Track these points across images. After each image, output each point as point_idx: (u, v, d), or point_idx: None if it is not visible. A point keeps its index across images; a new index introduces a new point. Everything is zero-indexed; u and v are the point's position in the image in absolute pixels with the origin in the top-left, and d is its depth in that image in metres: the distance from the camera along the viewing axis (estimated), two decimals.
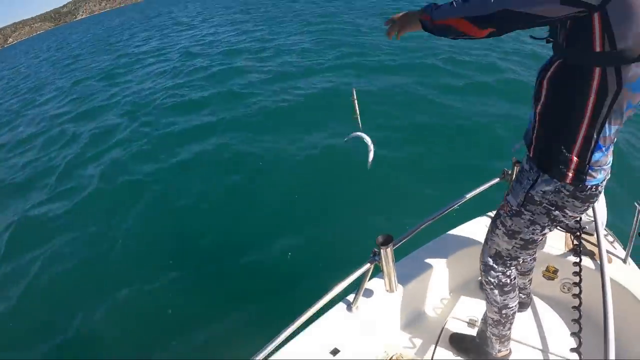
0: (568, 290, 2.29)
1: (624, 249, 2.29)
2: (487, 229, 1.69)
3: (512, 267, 1.72)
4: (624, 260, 2.25)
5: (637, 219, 2.08)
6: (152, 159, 7.13)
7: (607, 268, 1.79)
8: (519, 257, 1.68)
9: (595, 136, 1.22)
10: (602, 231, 2.12)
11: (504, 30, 1.18)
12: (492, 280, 1.73)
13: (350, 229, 4.36)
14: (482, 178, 2.27)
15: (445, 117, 6.94)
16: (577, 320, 1.75)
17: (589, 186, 1.31)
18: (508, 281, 1.74)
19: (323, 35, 14.83)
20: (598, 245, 1.98)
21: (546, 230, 1.50)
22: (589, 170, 1.28)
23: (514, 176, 2.27)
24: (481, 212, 2.56)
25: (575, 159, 1.27)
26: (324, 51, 12.32)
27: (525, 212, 1.46)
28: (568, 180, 1.30)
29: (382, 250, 1.56)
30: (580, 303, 1.82)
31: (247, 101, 8.98)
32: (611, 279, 2.00)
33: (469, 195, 2.13)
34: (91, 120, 10.34)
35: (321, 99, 8.40)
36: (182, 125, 8.42)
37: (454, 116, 6.95)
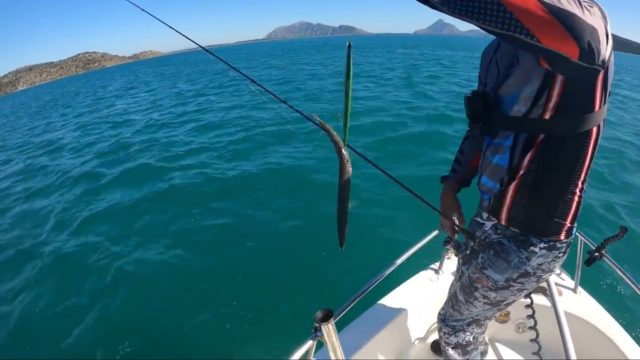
0: (523, 330, 2.20)
1: (572, 279, 2.26)
2: (435, 288, 1.51)
3: (483, 327, 1.61)
4: (574, 290, 2.22)
5: (580, 249, 2.08)
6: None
7: (560, 301, 1.72)
8: (495, 315, 1.56)
9: (585, 187, 1.13)
10: None
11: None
12: (458, 340, 1.60)
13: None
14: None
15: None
16: (537, 353, 1.75)
17: (572, 237, 1.22)
18: (471, 339, 1.61)
19: None
20: (547, 281, 1.87)
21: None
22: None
23: (458, 227, 2.12)
24: (421, 267, 2.43)
25: (571, 215, 1.15)
26: None
27: (515, 284, 1.29)
28: (562, 237, 1.18)
29: (322, 326, 1.31)
30: (538, 334, 1.78)
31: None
32: (565, 312, 1.94)
33: (409, 252, 1.96)
34: None
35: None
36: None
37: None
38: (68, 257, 5.57)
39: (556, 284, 2.22)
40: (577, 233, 2.06)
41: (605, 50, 0.78)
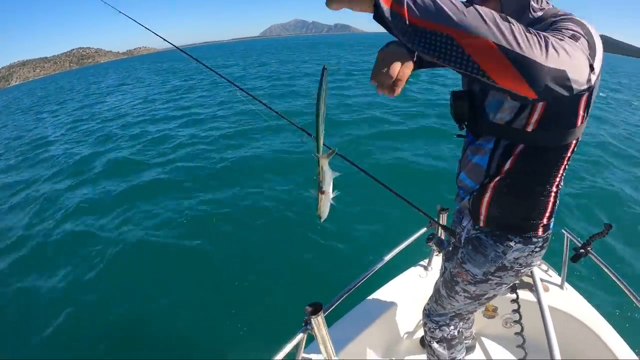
0: (510, 325, 2.22)
1: (559, 275, 2.28)
2: (423, 283, 1.53)
3: (468, 321, 1.67)
4: (561, 287, 2.25)
5: (567, 246, 2.10)
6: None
7: (544, 296, 1.74)
8: (477, 309, 1.57)
9: (560, 188, 1.17)
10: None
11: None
12: (442, 335, 1.62)
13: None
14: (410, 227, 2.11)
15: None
16: (521, 346, 1.77)
17: (549, 231, 1.26)
18: (455, 333, 1.63)
19: None
20: (532, 277, 1.91)
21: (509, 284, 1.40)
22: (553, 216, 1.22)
23: (439, 225, 2.13)
24: (410, 263, 2.45)
25: (547, 214, 1.19)
26: None
27: (493, 278, 1.32)
28: (539, 233, 1.21)
29: (312, 319, 1.33)
30: (522, 328, 1.81)
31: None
32: (550, 307, 1.99)
33: (398, 249, 1.98)
34: None
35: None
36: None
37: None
38: (57, 246, 5.57)
39: (543, 280, 2.26)
40: (563, 230, 2.11)
41: (586, 80, 0.75)
